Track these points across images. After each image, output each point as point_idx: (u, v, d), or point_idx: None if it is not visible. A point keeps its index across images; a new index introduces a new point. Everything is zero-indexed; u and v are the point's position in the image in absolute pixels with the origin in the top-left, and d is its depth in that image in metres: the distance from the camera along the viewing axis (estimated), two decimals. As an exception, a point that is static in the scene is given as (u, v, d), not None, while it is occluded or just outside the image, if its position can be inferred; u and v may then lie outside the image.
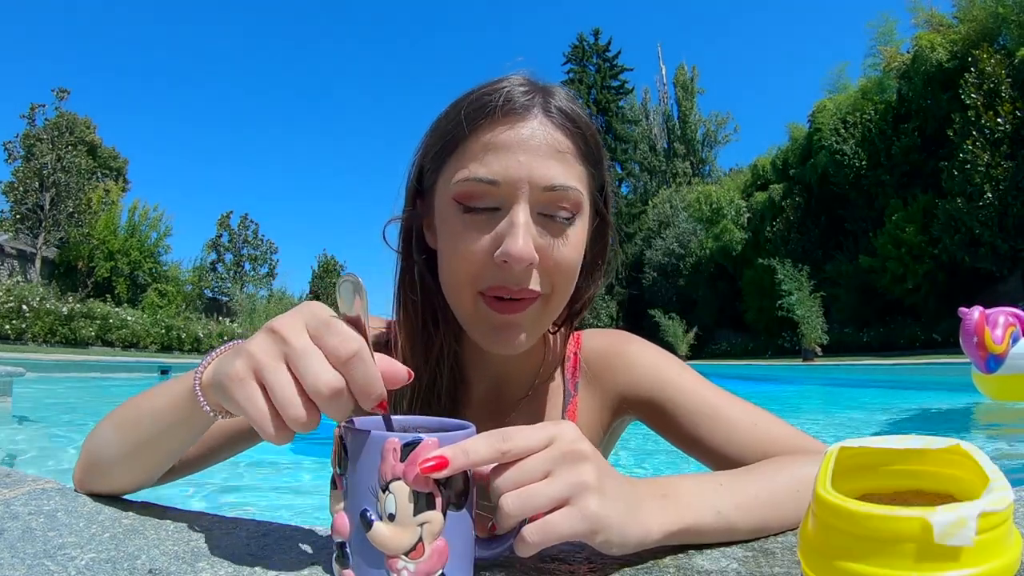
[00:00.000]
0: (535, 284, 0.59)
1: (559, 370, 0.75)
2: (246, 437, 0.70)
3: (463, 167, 0.58)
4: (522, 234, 0.55)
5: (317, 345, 0.39)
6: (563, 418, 0.72)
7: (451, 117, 0.61)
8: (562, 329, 0.75)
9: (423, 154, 0.65)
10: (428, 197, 0.65)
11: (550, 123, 0.59)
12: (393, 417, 0.47)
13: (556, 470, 0.40)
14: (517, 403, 0.74)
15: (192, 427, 0.53)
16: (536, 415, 0.74)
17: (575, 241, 0.60)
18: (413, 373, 0.43)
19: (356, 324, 0.41)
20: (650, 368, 0.70)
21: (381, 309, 0.74)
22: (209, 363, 0.50)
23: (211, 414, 0.48)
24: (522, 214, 0.56)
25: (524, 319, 0.60)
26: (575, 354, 0.76)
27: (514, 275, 0.57)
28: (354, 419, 0.45)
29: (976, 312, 4.00)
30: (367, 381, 0.39)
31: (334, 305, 0.43)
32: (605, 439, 0.77)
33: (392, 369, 0.41)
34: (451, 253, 0.60)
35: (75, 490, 0.66)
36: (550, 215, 0.58)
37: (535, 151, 0.57)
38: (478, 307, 0.60)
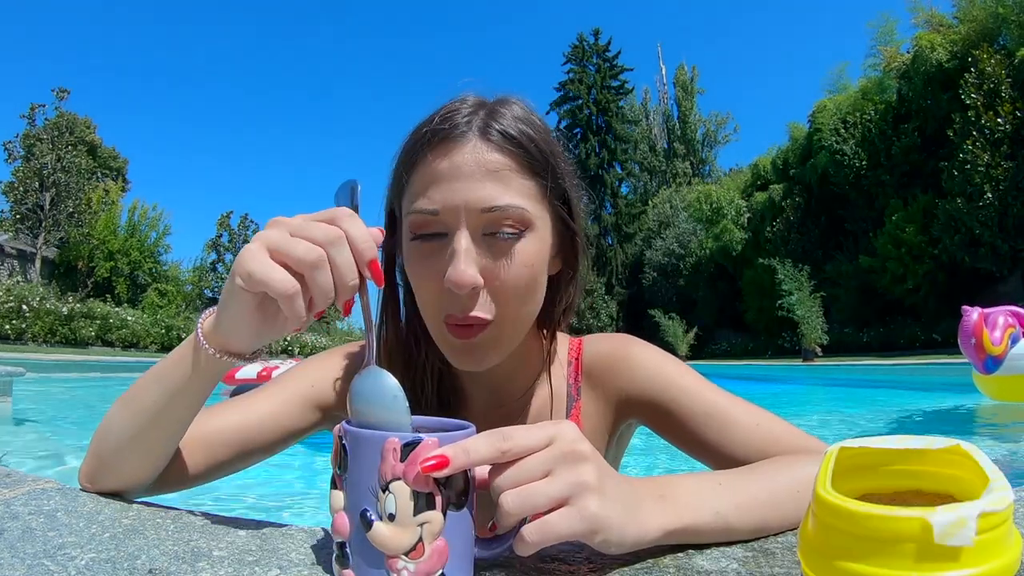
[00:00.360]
0: (481, 310, 0.59)
1: (562, 376, 0.76)
2: (255, 450, 0.70)
3: (412, 200, 0.60)
4: (462, 260, 0.57)
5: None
6: (567, 418, 0.73)
7: (405, 147, 0.63)
8: (556, 334, 0.76)
9: (389, 188, 0.67)
10: (397, 231, 0.67)
11: (485, 145, 0.59)
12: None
13: (556, 469, 0.40)
14: (519, 410, 0.75)
15: (200, 384, 0.55)
16: (539, 417, 0.74)
17: (524, 258, 0.60)
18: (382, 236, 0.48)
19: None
20: (653, 370, 0.70)
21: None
22: (210, 312, 0.52)
23: (215, 355, 0.51)
24: (463, 240, 0.58)
25: (483, 341, 0.61)
26: (576, 359, 0.76)
27: (460, 301, 0.59)
28: (353, 421, 0.45)
29: (975, 313, 4.00)
30: (347, 265, 0.45)
31: None
32: (613, 445, 0.77)
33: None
34: (414, 281, 0.63)
35: (82, 489, 0.65)
36: (494, 233, 0.59)
37: (469, 176, 0.58)
38: (442, 331, 0.62)
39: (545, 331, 0.75)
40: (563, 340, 0.78)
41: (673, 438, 0.69)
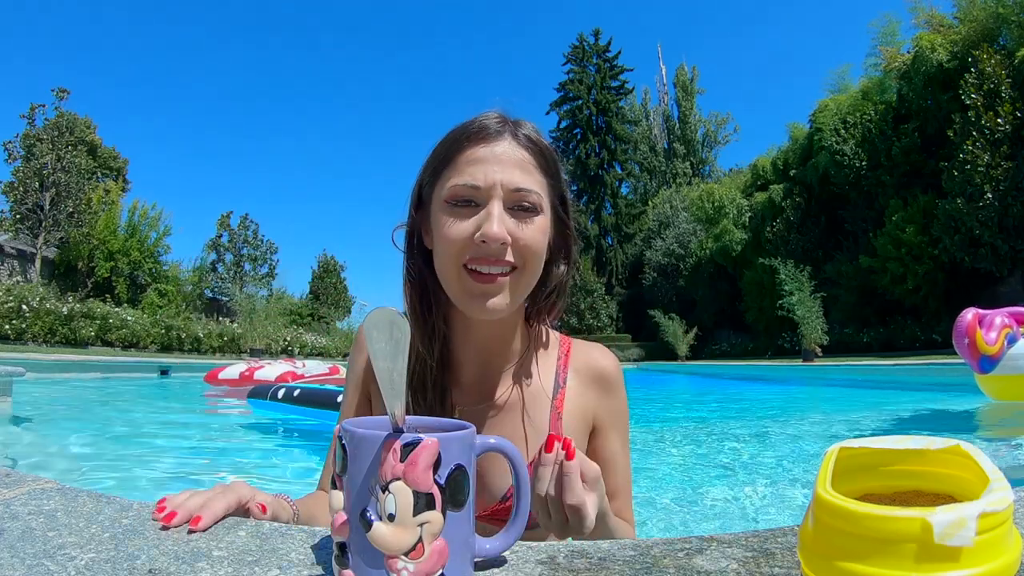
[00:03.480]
0: (509, 257, 0.76)
1: (551, 364, 0.90)
2: None
3: (452, 177, 0.77)
4: (496, 221, 0.73)
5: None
6: (552, 405, 0.87)
7: (443, 143, 0.80)
8: (545, 323, 0.92)
9: (422, 173, 0.83)
10: (426, 206, 0.83)
11: (516, 144, 0.78)
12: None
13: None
14: (507, 384, 0.87)
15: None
16: (532, 399, 0.86)
17: (537, 228, 0.77)
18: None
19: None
20: (621, 408, 0.92)
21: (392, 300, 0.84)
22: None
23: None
24: (496, 207, 0.74)
25: (499, 288, 0.76)
26: (567, 355, 0.91)
27: (492, 251, 0.74)
28: (355, 420, 0.45)
29: (969, 314, 4.00)
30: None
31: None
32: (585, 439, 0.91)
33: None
34: (442, 237, 0.76)
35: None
36: (517, 208, 0.76)
37: (505, 163, 0.76)
38: (461, 277, 0.76)
39: (531, 318, 0.89)
40: (553, 334, 0.93)
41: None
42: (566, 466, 0.62)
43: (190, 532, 0.55)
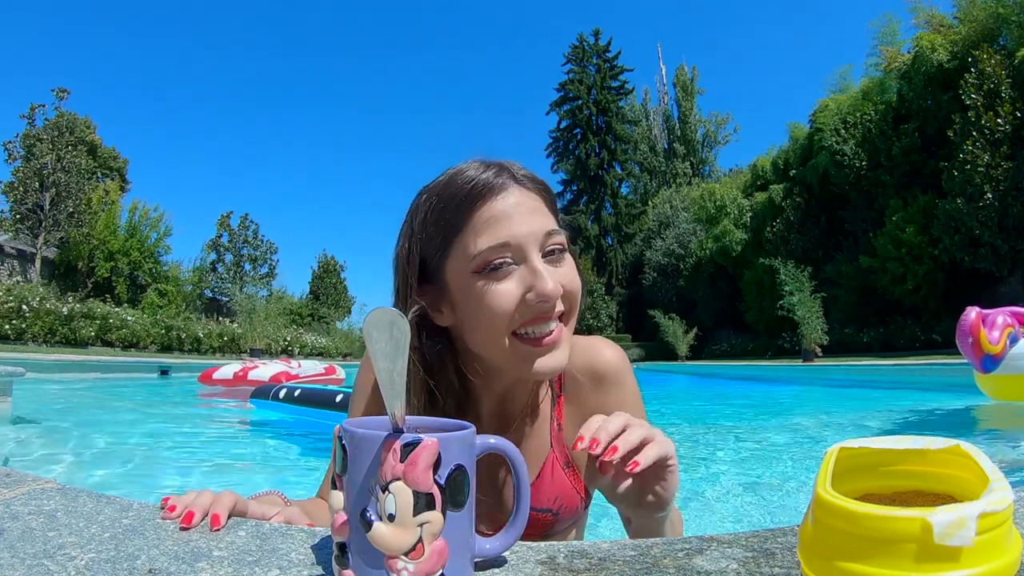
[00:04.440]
0: (559, 307, 0.72)
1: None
2: None
3: (472, 243, 0.70)
4: (547, 276, 0.69)
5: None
6: (552, 414, 0.84)
7: (442, 209, 0.72)
8: None
9: (422, 246, 0.74)
10: (437, 281, 0.75)
11: (524, 189, 0.73)
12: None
13: (632, 426, 0.61)
14: (517, 416, 0.84)
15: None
16: (531, 415, 0.84)
17: (572, 267, 0.75)
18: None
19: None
20: (629, 400, 0.85)
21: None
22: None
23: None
24: (537, 262, 0.70)
25: (552, 346, 0.72)
26: None
27: (547, 308, 0.70)
28: (355, 420, 0.45)
29: (973, 312, 4.00)
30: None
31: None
32: None
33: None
34: (485, 311, 0.70)
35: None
36: (551, 253, 0.72)
37: (526, 212, 0.71)
38: (514, 346, 0.71)
39: None
40: None
41: None
42: (601, 452, 0.58)
43: (213, 530, 0.56)
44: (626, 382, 0.85)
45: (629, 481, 0.60)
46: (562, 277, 0.72)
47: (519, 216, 0.70)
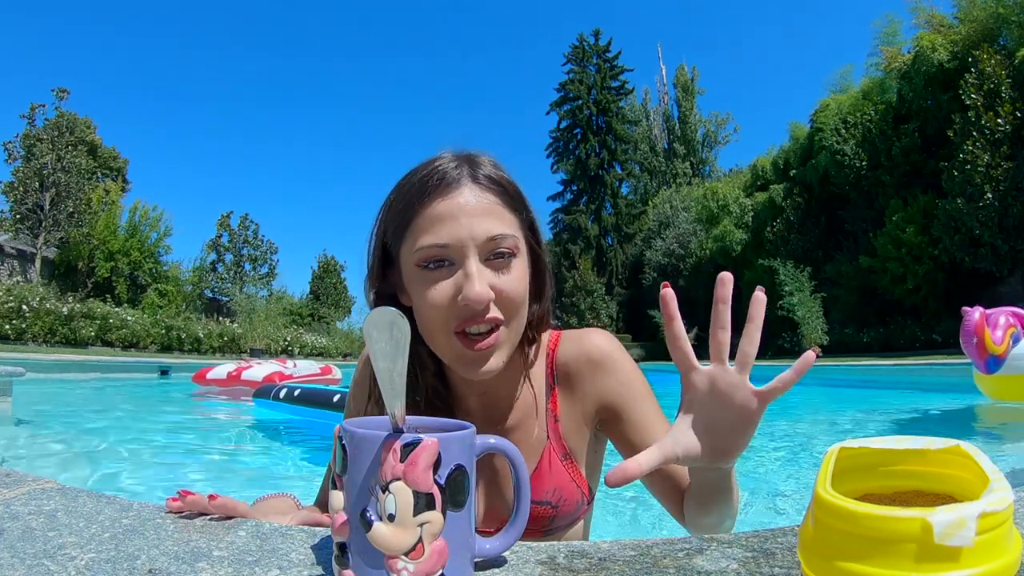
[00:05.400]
0: (495, 312, 0.72)
1: (541, 369, 0.86)
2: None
3: (418, 238, 0.71)
4: (476, 281, 0.69)
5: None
6: (547, 408, 0.84)
7: (400, 199, 0.75)
8: (534, 342, 0.86)
9: (383, 232, 0.78)
10: (396, 265, 0.77)
11: (478, 188, 0.73)
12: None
13: None
14: (508, 409, 0.84)
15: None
16: (525, 409, 0.84)
17: (518, 274, 0.74)
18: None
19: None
20: (625, 382, 0.84)
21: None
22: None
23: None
24: (473, 265, 0.70)
25: (491, 351, 0.72)
26: (553, 351, 0.87)
27: (477, 312, 0.70)
28: (355, 420, 0.45)
29: (976, 313, 4.00)
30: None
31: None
32: (591, 434, 0.86)
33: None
34: (423, 305, 0.72)
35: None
36: (494, 258, 0.72)
37: (471, 213, 0.71)
38: (452, 344, 0.72)
39: (531, 340, 0.85)
40: (544, 335, 0.88)
41: (616, 438, 0.84)
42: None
43: (210, 499, 0.60)
44: (622, 364, 0.85)
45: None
46: (503, 283, 0.72)
47: (465, 218, 0.70)
